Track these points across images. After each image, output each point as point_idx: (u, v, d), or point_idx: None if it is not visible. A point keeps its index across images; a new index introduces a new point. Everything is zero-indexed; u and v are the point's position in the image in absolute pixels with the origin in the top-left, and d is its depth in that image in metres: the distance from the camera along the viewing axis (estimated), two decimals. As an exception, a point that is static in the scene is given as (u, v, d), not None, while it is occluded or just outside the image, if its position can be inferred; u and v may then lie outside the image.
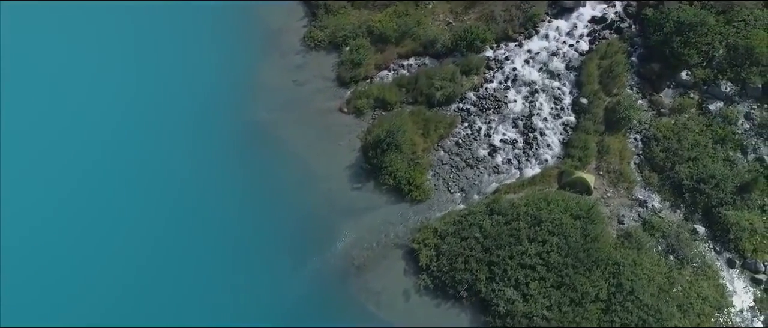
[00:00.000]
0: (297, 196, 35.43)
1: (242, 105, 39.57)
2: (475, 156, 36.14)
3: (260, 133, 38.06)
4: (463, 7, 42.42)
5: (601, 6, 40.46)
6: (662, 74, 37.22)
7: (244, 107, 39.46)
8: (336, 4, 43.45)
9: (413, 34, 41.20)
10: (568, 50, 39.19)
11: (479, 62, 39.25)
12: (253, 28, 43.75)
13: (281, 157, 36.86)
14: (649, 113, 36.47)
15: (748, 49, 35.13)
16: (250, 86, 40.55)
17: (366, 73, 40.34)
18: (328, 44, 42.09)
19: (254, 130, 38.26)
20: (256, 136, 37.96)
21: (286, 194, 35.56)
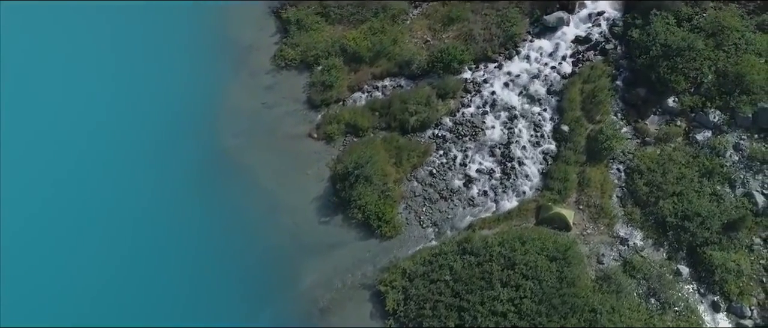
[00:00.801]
0: (261, 230, 33.68)
1: (208, 129, 37.77)
2: (450, 187, 34.29)
3: (224, 160, 36.28)
4: (441, 24, 40.39)
5: (586, 25, 38.29)
6: (648, 100, 35.27)
7: (209, 131, 37.66)
8: (309, 19, 41.43)
9: (388, 54, 39.22)
10: (550, 73, 37.19)
11: (456, 85, 37.30)
12: (224, 45, 41.83)
13: (245, 188, 35.03)
14: (633, 142, 34.53)
15: (738, 75, 33.14)
16: (217, 108, 38.72)
17: (338, 96, 38.41)
18: (299, 63, 40.16)
19: (218, 157, 36.48)
20: (220, 163, 36.17)
21: (250, 228, 33.79)
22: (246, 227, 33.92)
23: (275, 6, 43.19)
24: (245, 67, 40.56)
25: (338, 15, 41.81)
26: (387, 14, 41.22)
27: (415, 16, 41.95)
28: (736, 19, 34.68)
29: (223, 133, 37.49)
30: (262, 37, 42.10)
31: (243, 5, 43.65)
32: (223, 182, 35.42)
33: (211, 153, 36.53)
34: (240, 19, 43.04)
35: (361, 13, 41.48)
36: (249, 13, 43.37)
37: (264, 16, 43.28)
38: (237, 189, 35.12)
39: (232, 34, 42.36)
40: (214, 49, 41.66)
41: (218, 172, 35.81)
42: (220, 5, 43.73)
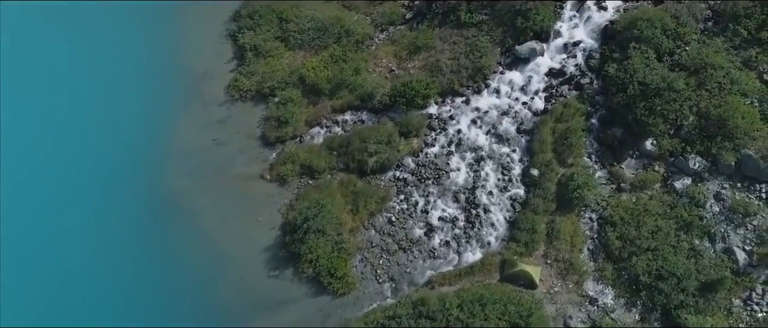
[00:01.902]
0: (206, 284, 31.47)
1: (154, 168, 35.38)
2: (410, 237, 31.91)
3: (170, 204, 33.90)
4: (407, 52, 37.69)
5: (561, 56, 35.53)
6: (625, 141, 32.71)
7: (155, 171, 35.27)
8: (268, 45, 38.72)
9: (350, 85, 36.55)
10: (521, 109, 34.56)
11: (420, 122, 34.71)
12: (177, 72, 39.27)
13: (191, 237, 32.72)
14: (607, 188, 32.03)
15: (721, 119, 30.51)
16: (165, 145, 36.29)
17: (294, 132, 35.87)
18: (255, 94, 37.50)
19: (164, 200, 34.10)
20: (165, 208, 33.80)
21: (194, 282, 31.61)
22: (190, 280, 31.75)
23: (233, 29, 40.38)
24: (198, 98, 37.96)
25: (299, 40, 39.07)
26: (350, 40, 38.50)
27: (381, 41, 39.23)
28: (720, 56, 31.94)
29: (170, 173, 35.05)
30: (218, 64, 39.42)
31: (199, 28, 40.87)
32: (168, 230, 33.07)
33: (156, 196, 34.11)
34: (195, 42, 40.35)
35: (322, 38, 38.74)
36: (205, 37, 40.70)
37: (221, 40, 40.58)
38: (182, 238, 32.78)
39: (185, 59, 39.72)
40: (166, 76, 39.07)
41: (163, 218, 33.42)
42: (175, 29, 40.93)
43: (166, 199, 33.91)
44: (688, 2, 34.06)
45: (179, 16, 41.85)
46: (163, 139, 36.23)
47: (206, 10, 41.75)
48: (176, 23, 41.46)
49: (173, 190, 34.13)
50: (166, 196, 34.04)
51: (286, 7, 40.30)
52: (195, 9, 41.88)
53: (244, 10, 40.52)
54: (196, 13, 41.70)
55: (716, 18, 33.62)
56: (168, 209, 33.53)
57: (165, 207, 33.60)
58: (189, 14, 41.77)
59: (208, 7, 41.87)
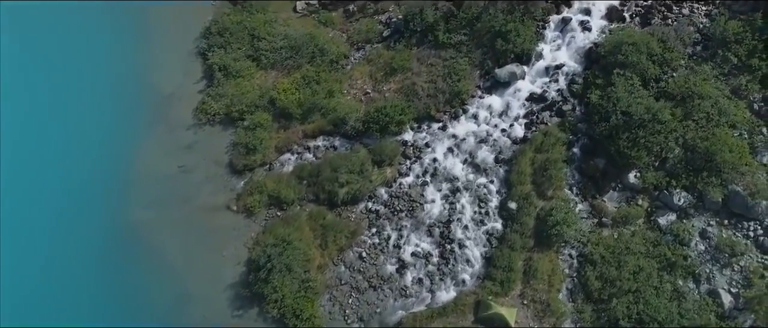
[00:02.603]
0: (167, 324, 29.85)
1: (116, 197, 33.84)
2: (381, 274, 30.45)
3: (132, 237, 32.41)
4: (383, 73, 36.03)
5: (542, 80, 33.85)
6: (607, 173, 31.15)
7: (117, 200, 33.74)
8: (238, 64, 37.02)
9: (322, 109, 34.89)
10: (500, 137, 32.96)
11: (394, 150, 33.15)
12: (143, 93, 37.73)
13: (152, 272, 31.28)
14: (589, 222, 30.49)
15: (708, 153, 28.89)
16: (128, 172, 34.73)
17: (264, 159, 34.31)
18: (223, 118, 35.85)
19: (125, 233, 32.61)
20: (127, 241, 32.33)
21: (154, 321, 30.03)
22: (151, 319, 30.23)
23: (203, 47, 38.66)
24: (164, 121, 36.35)
25: (271, 59, 37.39)
26: (325, 59, 36.83)
27: (357, 60, 37.54)
28: (708, 84, 30.28)
29: (132, 202, 33.52)
30: (186, 84, 37.79)
31: (168, 44, 39.17)
32: (128, 265, 31.59)
33: (116, 228, 32.62)
34: (163, 60, 38.71)
35: (295, 58, 37.05)
36: (174, 54, 39.06)
37: (190, 58, 38.94)
38: (143, 273, 31.30)
39: (153, 78, 38.08)
40: (132, 97, 37.45)
41: (123, 252, 31.96)
42: (144, 45, 39.22)
43: (128, 231, 32.41)
44: (676, 25, 32.31)
45: (148, 31, 40.24)
46: (127, 166, 34.65)
47: (176, 25, 40.11)
48: (145, 39, 39.83)
49: (135, 221, 32.60)
50: (127, 228, 32.53)
51: (258, 23, 38.57)
52: (165, 24, 40.23)
53: (215, 27, 38.83)
54: (166, 29, 40.08)
55: (705, 42, 31.91)
56: (129, 242, 32.06)
57: (126, 240, 32.12)
58: (158, 29, 40.15)
59: (178, 22, 40.25)
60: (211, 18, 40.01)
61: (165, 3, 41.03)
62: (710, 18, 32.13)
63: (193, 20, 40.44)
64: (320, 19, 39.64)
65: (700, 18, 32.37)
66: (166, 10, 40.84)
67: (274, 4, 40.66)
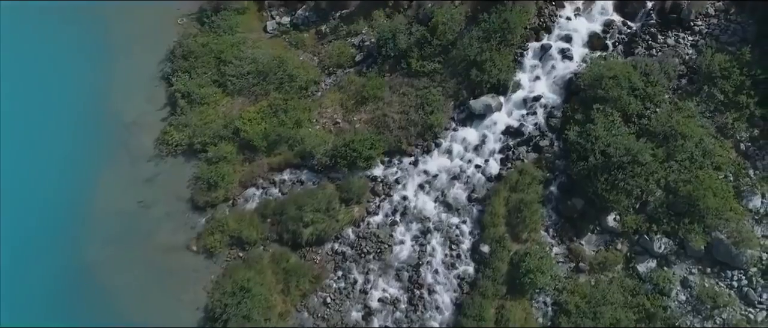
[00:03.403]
0: (120, 375, 28.46)
1: (72, 234, 32.45)
2: (346, 321, 29.08)
3: (86, 279, 30.97)
4: (354, 101, 34.31)
5: (520, 112, 32.12)
6: (586, 214, 29.54)
7: (73, 238, 32.35)
8: (203, 91, 35.29)
9: (289, 141, 33.21)
10: (474, 173, 31.32)
11: (363, 187, 31.55)
12: (104, 121, 36.20)
13: (108, 317, 29.75)
14: (565, 267, 28.93)
15: (691, 198, 27.22)
16: (86, 207, 33.33)
17: (227, 194, 32.78)
18: (186, 148, 34.19)
19: (79, 274, 31.15)
20: (81, 283, 30.89)
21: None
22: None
23: (167, 71, 36.90)
24: (125, 152, 34.80)
25: (237, 86, 35.65)
26: (294, 85, 35.03)
27: (328, 86, 35.81)
28: (693, 122, 28.53)
29: (89, 240, 32.10)
30: (149, 112, 36.11)
31: (131, 67, 37.40)
32: (82, 308, 30.09)
33: (71, 268, 31.17)
34: (126, 84, 37.03)
35: (262, 85, 35.29)
36: (137, 78, 37.40)
37: (154, 82, 37.25)
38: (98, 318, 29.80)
39: (114, 104, 36.44)
40: (92, 124, 35.88)
41: (78, 294, 30.54)
42: (105, 68, 37.46)
43: (83, 271, 31.01)
44: (661, 56, 30.51)
45: (111, 52, 38.55)
46: (84, 200, 33.15)
47: (141, 45, 38.40)
48: (107, 60, 38.17)
49: (91, 261, 31.19)
50: (82, 268, 31.13)
51: (225, 46, 36.78)
52: (129, 43, 38.45)
53: (179, 50, 37.04)
54: (130, 49, 38.34)
55: (691, 75, 30.11)
56: (84, 283, 30.68)
57: (81, 281, 30.74)
58: (122, 49, 38.46)
59: (143, 42, 38.49)
60: (176, 39, 38.10)
61: (129, 21, 39.07)
62: (697, 49, 30.28)
63: (159, 40, 38.62)
64: (291, 40, 37.82)
65: (686, 49, 30.54)
66: (130, 28, 39.08)
67: (243, 24, 38.84)
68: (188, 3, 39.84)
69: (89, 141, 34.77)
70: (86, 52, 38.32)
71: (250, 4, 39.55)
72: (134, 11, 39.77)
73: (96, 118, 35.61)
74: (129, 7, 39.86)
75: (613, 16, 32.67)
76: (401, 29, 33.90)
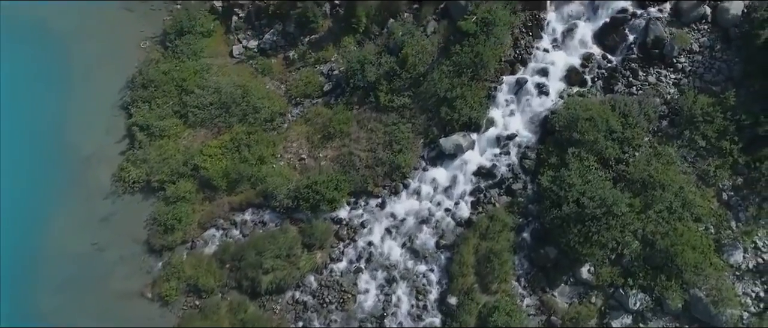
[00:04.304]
0: None
1: (22, 280, 30.80)
2: (306, 376, 27.55)
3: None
4: (321, 136, 32.60)
5: (493, 151, 30.45)
6: (559, 264, 28.06)
7: (23, 284, 30.68)
8: (163, 123, 33.56)
9: (252, 178, 31.59)
10: (443, 217, 29.78)
11: (326, 231, 30.02)
12: (60, 154, 34.48)
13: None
14: (536, 319, 27.47)
15: (668, 253, 25.66)
16: (38, 248, 31.69)
17: (185, 236, 31.27)
18: (144, 185, 32.57)
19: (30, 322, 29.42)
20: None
21: None
22: None
23: (126, 100, 35.17)
24: (80, 188, 33.17)
25: (199, 117, 33.91)
26: (258, 117, 33.29)
27: (294, 118, 34.09)
28: (672, 170, 26.93)
29: (40, 285, 30.71)
30: (107, 144, 34.46)
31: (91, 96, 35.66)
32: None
33: (20, 317, 29.55)
34: (84, 114, 35.30)
35: (225, 117, 33.57)
36: (96, 107, 35.62)
37: (113, 112, 35.54)
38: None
39: (72, 135, 34.78)
40: (48, 157, 34.21)
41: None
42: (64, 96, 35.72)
43: (33, 320, 29.37)
44: (641, 95, 28.77)
45: (70, 78, 36.73)
46: (37, 241, 31.68)
47: (101, 71, 36.61)
48: (65, 88, 36.28)
49: (40, 310, 29.79)
50: (33, 316, 29.53)
51: (188, 73, 35.00)
52: (89, 69, 36.66)
53: (140, 78, 35.23)
54: (90, 75, 36.53)
55: (672, 116, 28.36)
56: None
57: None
58: (81, 75, 36.66)
59: (104, 68, 36.74)
60: (138, 64, 36.30)
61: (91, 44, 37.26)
62: (679, 88, 28.50)
63: (121, 64, 36.84)
64: (258, 66, 35.99)
65: (668, 88, 28.76)
66: (92, 51, 37.26)
67: (209, 48, 37.03)
68: (151, 27, 37.89)
69: (44, 176, 33.16)
70: (43, 76, 36.46)
71: (216, 25, 37.66)
72: (96, 33, 37.95)
73: (52, 151, 33.99)
74: (90, 29, 38.03)
75: (593, 48, 30.83)
76: (370, 59, 32.13)
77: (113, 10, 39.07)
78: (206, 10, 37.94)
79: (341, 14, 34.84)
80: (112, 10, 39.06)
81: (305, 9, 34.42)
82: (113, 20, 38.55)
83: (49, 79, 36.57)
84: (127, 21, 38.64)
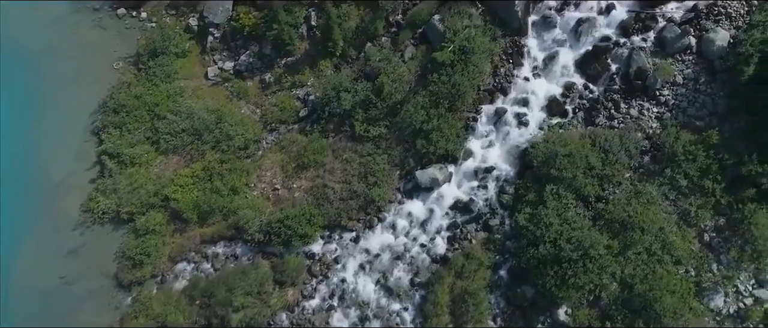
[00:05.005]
0: None
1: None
2: None
3: (1, 368, 28.61)
4: (295, 165, 31.73)
5: (470, 184, 29.60)
6: (536, 304, 27.34)
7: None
8: (134, 150, 32.72)
9: (223, 210, 30.77)
10: (418, 253, 29.03)
11: (299, 267, 29.31)
12: (29, 180, 33.48)
13: None
14: (512, 361, 26.74)
15: (646, 298, 24.88)
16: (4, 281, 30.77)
17: (155, 270, 30.57)
18: (114, 216, 31.76)
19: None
20: (-5, 373, 28.53)
21: None
22: None
23: (97, 125, 34.27)
24: (49, 218, 32.39)
25: (172, 144, 33.01)
26: (232, 144, 32.40)
27: (269, 145, 33.20)
28: (652, 210, 26.10)
29: (6, 322, 29.66)
30: (77, 171, 33.63)
31: (63, 118, 34.68)
32: (-5, 402, 27.97)
33: (-15, 356, 28.87)
34: (54, 141, 34.40)
35: (197, 145, 32.68)
36: (68, 132, 34.71)
37: (85, 137, 34.71)
38: None
39: (41, 163, 33.96)
40: (16, 185, 33.25)
41: (-10, 386, 28.28)
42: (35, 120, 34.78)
43: (-3, 359, 28.69)
44: (623, 129, 27.85)
45: (40, 101, 35.67)
46: (3, 275, 30.70)
47: (72, 95, 35.60)
48: (36, 110, 35.28)
49: (6, 348, 28.87)
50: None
51: (161, 97, 34.09)
52: (62, 91, 35.70)
53: (111, 102, 34.29)
54: (61, 99, 35.51)
55: (654, 152, 27.46)
56: (-3, 373, 28.37)
57: (-6, 371, 28.43)
58: (52, 99, 35.64)
59: (76, 89, 35.83)
60: (111, 86, 35.33)
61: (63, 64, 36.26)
62: (662, 123, 27.58)
63: (94, 86, 35.87)
64: (233, 89, 35.07)
65: (650, 122, 27.83)
66: (64, 72, 36.27)
67: (184, 69, 36.12)
68: (125, 46, 36.92)
69: (13, 206, 32.29)
70: (13, 97, 35.41)
71: (192, 45, 36.70)
72: (69, 52, 36.99)
73: (20, 178, 33.08)
74: (63, 48, 37.07)
75: (575, 77, 29.88)
76: (346, 86, 31.19)
77: (87, 28, 38.07)
78: (181, 28, 36.97)
79: (318, 36, 33.83)
80: (86, 28, 38.06)
81: (281, 31, 33.38)
82: (86, 39, 37.58)
83: (19, 100, 35.53)
84: (101, 40, 37.66)
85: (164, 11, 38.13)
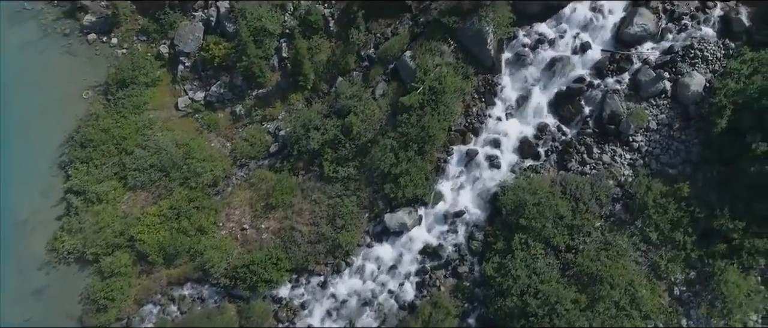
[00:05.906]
0: None
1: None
2: None
3: None
4: (264, 204, 31.13)
5: (440, 228, 29.04)
6: (505, 354, 26.73)
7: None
8: (100, 188, 32.18)
9: (191, 251, 30.25)
10: (386, 299, 28.64)
11: (265, 313, 28.88)
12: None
13: None
14: None
15: (613, 354, 24.46)
16: (-34, 326, 30.16)
17: (120, 313, 30.14)
18: (80, 255, 31.24)
19: None
20: None
21: None
22: None
23: (64, 160, 33.58)
24: (14, 257, 31.87)
25: (139, 180, 32.37)
26: (200, 181, 31.77)
27: (239, 181, 32.55)
28: (622, 262, 25.59)
29: (-32, 368, 29.28)
30: (44, 208, 32.97)
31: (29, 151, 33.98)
32: None
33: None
34: (20, 176, 33.56)
35: (165, 182, 32.05)
36: (34, 166, 33.93)
37: (52, 172, 34.01)
38: None
39: (6, 199, 33.16)
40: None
41: None
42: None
43: None
44: (594, 175, 27.21)
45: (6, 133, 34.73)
46: (-35, 318, 30.20)
47: (40, 126, 34.75)
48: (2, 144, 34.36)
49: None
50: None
51: (130, 130, 33.38)
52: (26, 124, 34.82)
53: (78, 136, 33.58)
54: (27, 130, 34.67)
55: (626, 200, 26.85)
56: None
57: None
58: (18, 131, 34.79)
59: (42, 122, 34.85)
60: (79, 118, 34.57)
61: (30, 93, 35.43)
62: (634, 169, 26.92)
63: (62, 117, 35.06)
64: (204, 121, 34.34)
65: (623, 169, 27.17)
66: (31, 101, 35.41)
67: (155, 99, 35.37)
68: (95, 74, 36.10)
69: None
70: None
71: (162, 74, 35.90)
72: (37, 81, 36.08)
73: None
74: (31, 76, 36.16)
75: (548, 118, 29.14)
76: (315, 124, 30.49)
77: (56, 54, 37.19)
78: (152, 56, 36.15)
79: (289, 69, 33.08)
80: (55, 54, 37.18)
81: (250, 64, 32.60)
82: (55, 67, 36.70)
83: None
84: (70, 67, 36.78)
85: (135, 37, 37.19)
